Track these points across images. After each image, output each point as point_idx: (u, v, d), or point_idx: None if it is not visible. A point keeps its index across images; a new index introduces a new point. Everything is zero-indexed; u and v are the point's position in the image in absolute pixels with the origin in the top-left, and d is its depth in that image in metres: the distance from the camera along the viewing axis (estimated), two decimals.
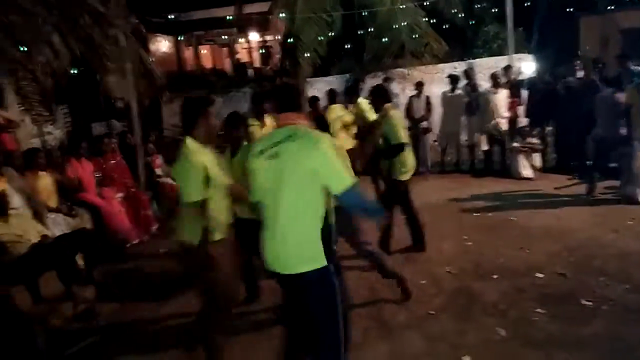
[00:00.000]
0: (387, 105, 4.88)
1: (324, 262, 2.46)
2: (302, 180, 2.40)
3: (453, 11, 12.21)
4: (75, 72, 7.28)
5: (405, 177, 4.98)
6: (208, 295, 3.18)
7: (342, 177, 2.38)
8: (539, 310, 3.84)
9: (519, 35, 11.94)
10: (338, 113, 5.24)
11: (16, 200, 4.78)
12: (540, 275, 4.44)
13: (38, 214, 4.98)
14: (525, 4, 12.71)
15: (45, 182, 5.55)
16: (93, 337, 4.04)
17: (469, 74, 9.12)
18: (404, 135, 4.91)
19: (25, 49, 5.92)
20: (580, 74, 8.15)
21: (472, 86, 8.80)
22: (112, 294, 4.67)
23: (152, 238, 6.54)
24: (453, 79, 8.85)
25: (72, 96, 9.68)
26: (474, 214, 6.42)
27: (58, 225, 5.11)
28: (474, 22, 13.44)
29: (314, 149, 2.39)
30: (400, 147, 4.84)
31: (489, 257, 4.98)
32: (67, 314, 4.29)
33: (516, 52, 10.71)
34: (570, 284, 4.25)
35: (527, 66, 9.86)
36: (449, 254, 5.15)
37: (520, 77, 9.07)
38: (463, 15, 12.43)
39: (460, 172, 8.85)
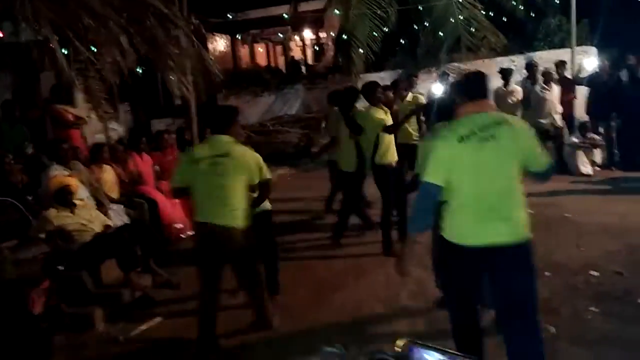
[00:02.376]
0: None
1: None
2: (516, 161, 2.64)
3: (513, 3, 11.86)
4: (140, 71, 7.65)
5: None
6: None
7: (543, 158, 2.74)
8: (592, 308, 3.73)
9: (583, 27, 11.44)
10: None
11: (82, 192, 5.11)
12: (596, 274, 4.29)
13: (101, 205, 5.31)
14: None
15: (109, 175, 5.89)
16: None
17: (530, 68, 8.83)
18: None
19: (95, 49, 6.29)
20: None
21: (532, 80, 8.53)
22: (167, 282, 4.89)
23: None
24: (505, 74, 8.60)
25: (134, 94, 10.15)
26: (528, 211, 6.19)
27: (119, 216, 5.40)
28: (535, 14, 12.96)
29: (527, 133, 2.71)
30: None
31: (541, 254, 4.78)
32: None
33: (580, 45, 10.28)
34: (627, 282, 4.08)
35: (589, 62, 9.38)
36: None
37: (581, 75, 8.68)
38: (523, 7, 12.04)
39: None
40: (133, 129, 10.18)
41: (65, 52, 5.71)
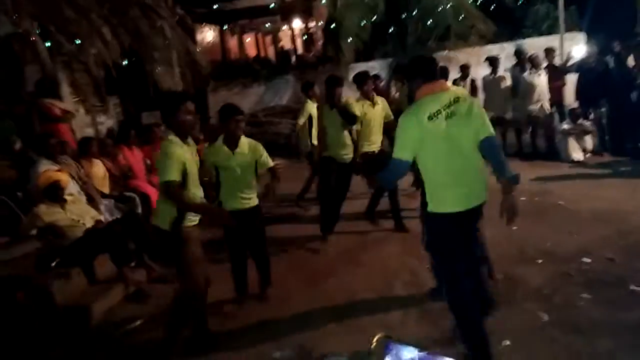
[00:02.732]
0: None
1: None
2: (475, 133, 2.93)
3: None
4: (126, 63, 7.53)
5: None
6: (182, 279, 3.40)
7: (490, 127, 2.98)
8: (584, 295, 3.75)
9: (571, 14, 11.46)
10: None
11: (72, 187, 5.05)
12: (588, 260, 4.32)
13: (92, 200, 5.25)
14: None
15: (99, 169, 5.83)
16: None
17: (519, 54, 8.84)
18: None
19: (79, 42, 6.19)
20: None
21: (521, 67, 8.54)
22: (161, 276, 4.86)
23: (198, 224, 6.75)
24: (492, 62, 8.62)
25: (123, 87, 10.04)
26: (521, 198, 6.23)
27: (110, 211, 5.36)
28: (523, 1, 12.95)
29: (476, 105, 3.00)
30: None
31: (534, 241, 4.88)
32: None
33: (568, 31, 10.30)
34: (619, 269, 4.11)
35: (577, 50, 9.39)
36: (493, 239, 4.92)
37: (570, 62, 8.70)
38: None
39: (507, 155, 8.59)
40: (123, 122, 10.09)
41: (48, 45, 5.61)
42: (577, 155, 7.67)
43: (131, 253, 4.72)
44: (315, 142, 6.48)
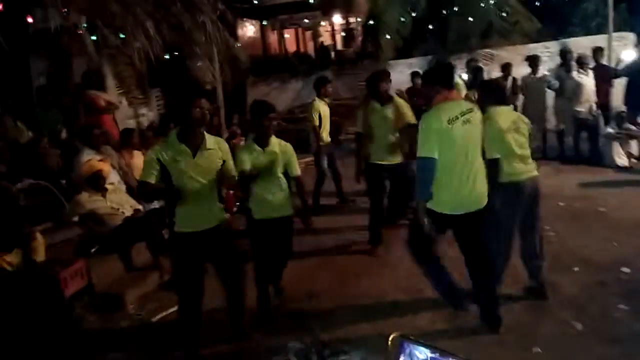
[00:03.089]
0: None
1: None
2: (480, 143, 3.32)
3: None
4: (168, 57, 7.71)
5: None
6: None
7: None
8: (621, 306, 3.63)
9: (620, 13, 11.02)
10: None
11: (113, 177, 5.23)
12: (627, 270, 4.18)
13: (131, 190, 5.42)
14: None
15: (139, 160, 5.99)
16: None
17: (564, 54, 8.57)
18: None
19: (123, 36, 6.37)
20: None
21: (567, 67, 8.28)
22: None
23: (233, 215, 6.87)
24: (532, 61, 8.38)
25: (165, 80, 10.28)
26: (560, 203, 6.11)
27: None
28: None
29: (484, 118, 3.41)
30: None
31: (571, 248, 4.75)
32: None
33: (617, 31, 9.91)
34: None
35: (628, 54, 9.00)
36: None
37: (620, 66, 8.37)
38: None
39: (547, 159, 8.38)
40: (163, 114, 10.33)
41: (94, 39, 5.80)
42: (622, 160, 7.40)
43: (166, 242, 4.84)
44: (324, 141, 6.41)
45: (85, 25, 5.35)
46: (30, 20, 6.12)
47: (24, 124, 6.20)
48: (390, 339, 1.29)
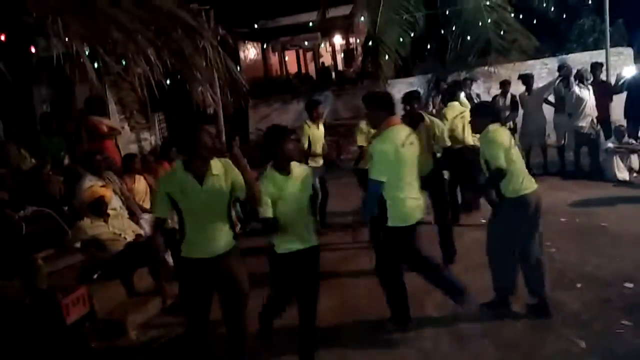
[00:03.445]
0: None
1: None
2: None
3: (544, 5, 11.64)
4: (169, 82, 7.82)
5: None
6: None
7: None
8: (625, 322, 3.62)
9: (617, 28, 11.12)
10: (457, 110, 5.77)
11: (115, 202, 5.26)
12: (630, 285, 4.16)
13: (133, 215, 5.45)
14: None
15: (141, 184, 6.04)
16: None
17: (563, 70, 8.63)
18: None
19: (125, 63, 6.48)
20: None
21: (566, 82, 8.34)
22: None
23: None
24: (525, 80, 8.45)
25: (167, 105, 10.40)
26: (561, 219, 6.10)
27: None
28: (567, 15, 12.65)
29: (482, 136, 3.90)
30: None
31: (574, 264, 4.73)
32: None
33: (614, 46, 9.99)
34: None
35: (628, 70, 9.01)
36: None
37: (620, 81, 8.41)
38: (555, 8, 11.78)
39: (549, 174, 8.39)
40: (164, 139, 10.42)
41: (97, 66, 5.90)
42: (623, 175, 7.39)
43: (169, 267, 4.85)
44: (316, 164, 6.40)
45: (87, 52, 5.45)
46: (33, 49, 6.23)
47: (27, 151, 6.27)
48: None
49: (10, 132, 6.82)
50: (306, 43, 18.86)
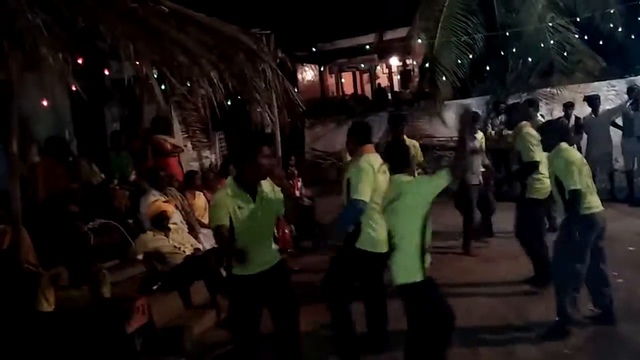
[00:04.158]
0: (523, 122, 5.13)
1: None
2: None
3: (610, 26, 11.21)
4: (230, 103, 8.12)
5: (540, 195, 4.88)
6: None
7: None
8: None
9: None
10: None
11: (176, 217, 5.49)
12: None
13: (192, 229, 5.65)
14: None
15: (200, 200, 6.27)
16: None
17: (632, 92, 8.27)
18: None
19: (189, 85, 6.80)
20: None
21: (635, 105, 7.99)
22: None
23: (289, 256, 6.96)
24: (591, 102, 8.14)
25: (228, 124, 10.74)
26: (630, 248, 5.79)
27: (209, 240, 5.71)
28: (636, 36, 12.10)
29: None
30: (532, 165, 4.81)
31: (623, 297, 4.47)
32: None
33: None
34: None
35: None
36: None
37: None
38: (622, 29, 11.32)
39: (617, 200, 7.99)
40: (225, 156, 10.75)
41: (163, 88, 6.23)
42: None
43: (224, 281, 4.98)
44: None
45: (155, 75, 5.77)
46: (106, 72, 6.65)
47: (98, 167, 6.67)
48: None
49: (83, 149, 7.27)
50: (363, 65, 19.01)
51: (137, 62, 5.30)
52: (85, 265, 4.15)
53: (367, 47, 13.35)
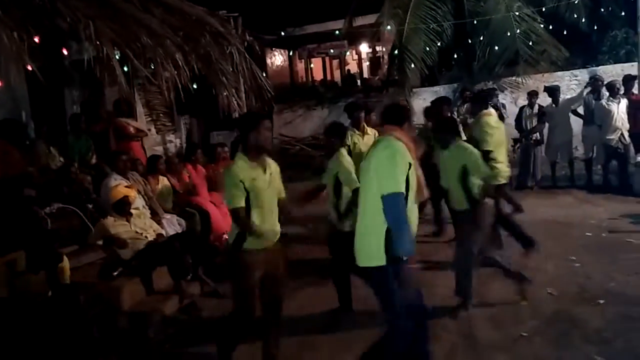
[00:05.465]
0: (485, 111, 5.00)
1: (383, 262, 2.81)
2: (371, 179, 2.90)
3: (574, 16, 11.45)
4: (196, 86, 7.96)
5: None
6: (234, 300, 3.38)
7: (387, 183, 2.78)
8: None
9: None
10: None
11: (138, 202, 5.36)
12: None
13: (155, 215, 5.54)
14: None
15: (164, 186, 6.15)
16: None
17: (594, 82, 8.47)
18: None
19: (153, 67, 6.62)
20: None
21: (597, 95, 8.19)
22: (214, 291, 5.04)
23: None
24: (551, 92, 8.32)
25: (193, 108, 10.55)
26: (586, 233, 5.97)
27: (172, 226, 5.61)
28: (599, 26, 12.40)
29: (379, 153, 2.91)
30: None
31: (597, 280, 4.62)
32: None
33: None
34: None
35: None
36: (553, 275, 4.85)
37: None
38: (586, 19, 11.58)
39: (576, 187, 8.23)
40: (189, 141, 10.58)
41: (126, 69, 6.05)
42: None
43: (188, 267, 4.92)
44: None
45: (117, 56, 5.59)
46: (65, 52, 6.42)
47: (57, 150, 6.44)
48: None
49: (41, 132, 7.02)
50: (332, 51, 18.95)
51: (98, 43, 5.14)
52: (43, 250, 4.02)
53: (337, 32, 13.27)
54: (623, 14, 11.59)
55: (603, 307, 4.10)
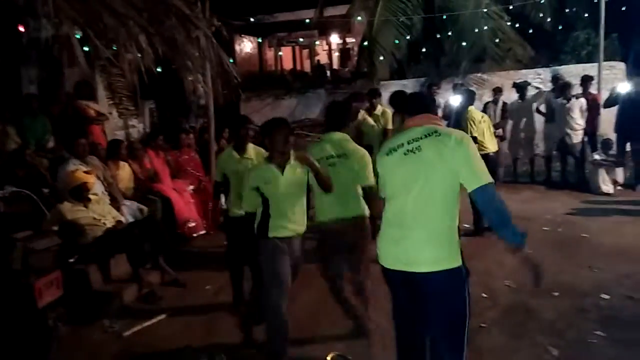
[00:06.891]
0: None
1: (456, 264, 2.39)
2: (441, 174, 2.39)
3: (540, 15, 11.69)
4: (160, 70, 7.75)
5: None
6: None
7: (479, 176, 2.34)
8: (599, 333, 3.63)
9: (611, 42, 11.19)
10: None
11: (97, 187, 5.21)
12: (606, 297, 4.18)
13: (115, 201, 5.40)
14: (622, 8, 11.84)
15: (125, 171, 6.00)
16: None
17: (555, 81, 8.69)
18: None
19: (115, 48, 6.40)
20: None
21: (557, 94, 8.40)
22: (174, 280, 4.95)
23: (218, 230, 6.83)
24: (519, 88, 8.52)
25: (159, 93, 10.28)
26: (543, 228, 6.13)
27: (132, 212, 5.49)
28: (563, 27, 12.71)
29: (459, 145, 2.37)
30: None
31: (552, 273, 4.71)
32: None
33: (608, 60, 10.06)
34: (637, 307, 3.97)
35: (623, 86, 8.95)
36: (510, 268, 4.94)
37: (613, 95, 8.42)
38: (551, 19, 11.85)
39: (535, 183, 8.45)
40: (153, 127, 10.33)
41: (87, 50, 5.84)
42: (607, 187, 7.46)
43: (147, 255, 4.81)
44: None
45: (77, 36, 5.38)
46: (22, 29, 6.15)
47: (15, 130, 6.18)
48: (329, 357, 1.30)
49: None
50: (302, 40, 18.80)
51: (57, 20, 4.93)
52: None
53: (307, 21, 13.16)
54: (586, 15, 11.88)
55: (557, 299, 4.22)
